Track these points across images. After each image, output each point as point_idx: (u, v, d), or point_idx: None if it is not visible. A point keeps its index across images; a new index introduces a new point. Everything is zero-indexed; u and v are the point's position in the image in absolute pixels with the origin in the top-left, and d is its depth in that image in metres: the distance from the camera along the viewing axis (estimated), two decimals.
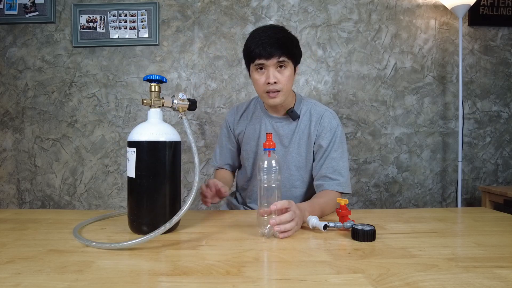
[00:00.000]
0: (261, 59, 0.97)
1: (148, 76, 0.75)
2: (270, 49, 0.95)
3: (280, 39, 0.97)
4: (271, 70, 0.97)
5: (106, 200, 2.10)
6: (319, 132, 1.06)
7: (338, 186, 0.99)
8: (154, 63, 2.08)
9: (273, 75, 0.97)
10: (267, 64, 0.97)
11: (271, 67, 0.97)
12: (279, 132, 1.09)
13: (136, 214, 0.72)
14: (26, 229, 0.76)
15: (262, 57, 0.96)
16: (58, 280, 0.49)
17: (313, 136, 1.06)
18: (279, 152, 1.10)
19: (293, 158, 1.08)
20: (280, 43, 0.96)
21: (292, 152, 1.08)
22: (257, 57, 0.97)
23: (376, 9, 2.07)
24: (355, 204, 2.07)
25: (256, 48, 0.96)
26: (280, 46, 0.96)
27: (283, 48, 0.96)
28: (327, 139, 1.04)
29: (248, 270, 0.53)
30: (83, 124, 2.10)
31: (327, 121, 1.06)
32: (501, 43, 2.09)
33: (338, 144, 1.04)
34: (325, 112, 1.08)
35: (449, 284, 0.48)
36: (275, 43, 0.95)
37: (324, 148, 1.04)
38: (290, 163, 1.09)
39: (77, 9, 2.05)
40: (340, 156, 1.03)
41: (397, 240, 0.70)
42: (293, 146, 1.08)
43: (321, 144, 1.04)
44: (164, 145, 0.72)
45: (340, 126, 1.07)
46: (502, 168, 2.12)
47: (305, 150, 1.08)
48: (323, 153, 1.04)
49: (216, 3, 2.07)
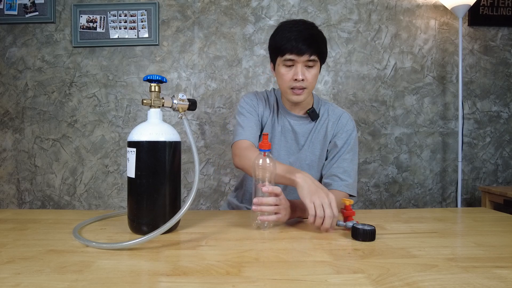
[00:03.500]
0: (292, 54, 0.94)
1: (148, 76, 0.75)
2: (303, 46, 0.92)
3: (313, 36, 0.94)
4: (300, 66, 0.95)
5: (106, 200, 2.10)
6: (336, 131, 1.06)
7: (346, 187, 1.00)
8: (154, 63, 2.08)
9: (302, 72, 0.95)
10: (297, 60, 0.94)
11: (300, 63, 0.95)
12: (296, 131, 1.09)
13: (136, 214, 0.71)
14: (26, 229, 0.76)
15: (293, 52, 0.93)
16: (58, 280, 0.49)
17: (330, 135, 1.07)
18: (293, 150, 1.09)
19: (307, 157, 1.08)
20: (313, 40, 0.94)
21: (306, 151, 1.08)
22: (287, 52, 0.94)
23: (376, 9, 2.07)
24: (355, 204, 2.07)
25: (288, 43, 0.93)
26: (312, 43, 0.93)
27: (314, 46, 0.94)
28: (342, 139, 1.05)
29: (248, 270, 0.53)
30: (83, 124, 2.10)
31: (345, 122, 1.07)
32: (501, 43, 2.09)
33: (352, 146, 1.05)
34: (343, 113, 1.09)
35: (449, 284, 0.48)
36: (308, 40, 0.93)
37: (338, 148, 1.04)
38: (302, 161, 1.09)
39: (77, 9, 2.05)
40: (351, 159, 1.04)
41: (397, 240, 0.70)
42: (307, 145, 1.08)
43: (336, 144, 1.05)
44: (164, 145, 0.72)
45: (355, 130, 1.07)
46: (502, 168, 2.12)
47: (319, 149, 1.08)
48: (336, 153, 1.04)
49: (216, 3, 2.07)
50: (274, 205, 0.76)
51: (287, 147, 1.09)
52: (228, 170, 2.10)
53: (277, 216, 0.76)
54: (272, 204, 0.75)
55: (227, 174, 2.10)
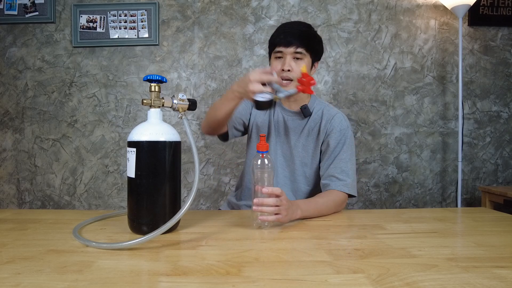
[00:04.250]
0: (281, 46, 1.02)
1: (148, 76, 0.75)
2: (290, 38, 1.00)
3: (301, 32, 1.02)
4: (288, 58, 1.02)
5: (106, 200, 2.10)
6: (329, 131, 1.07)
7: (345, 187, 0.99)
8: (154, 63, 2.08)
9: (289, 63, 1.01)
10: (285, 52, 1.02)
11: (288, 55, 1.02)
12: (288, 125, 1.11)
13: (136, 214, 0.71)
14: (26, 229, 0.76)
15: (281, 44, 1.02)
16: (58, 280, 0.49)
17: (322, 134, 1.07)
18: (285, 145, 1.11)
19: (299, 153, 1.09)
20: (301, 34, 1.01)
21: (298, 147, 1.09)
22: (277, 45, 1.03)
23: (376, 9, 2.07)
24: (355, 204, 2.07)
25: (278, 37, 1.03)
26: (300, 37, 1.01)
27: (302, 39, 1.01)
28: (335, 139, 1.05)
29: (248, 270, 0.53)
30: (83, 124, 2.10)
31: (338, 121, 1.07)
32: (501, 43, 2.09)
33: (348, 146, 1.05)
34: (337, 113, 1.09)
35: (449, 284, 0.48)
36: (296, 34, 1.01)
37: (332, 148, 1.04)
38: (295, 157, 1.10)
39: (77, 9, 2.05)
40: (349, 158, 1.04)
41: (397, 240, 0.70)
42: (300, 142, 1.09)
43: (329, 143, 1.05)
44: (164, 145, 0.72)
45: (350, 129, 1.08)
46: (502, 168, 2.12)
47: (312, 147, 1.08)
48: (331, 153, 1.04)
49: (216, 3, 2.07)
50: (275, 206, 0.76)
51: (281, 142, 1.12)
52: (228, 170, 2.10)
53: (277, 217, 0.76)
54: (273, 205, 0.75)
55: (227, 174, 2.10)
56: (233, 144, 2.09)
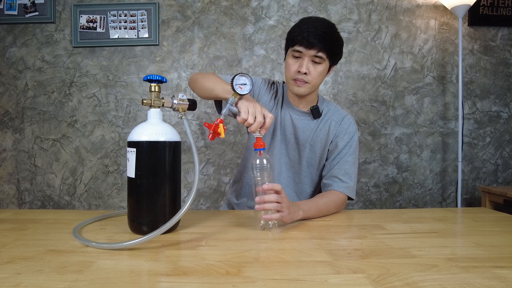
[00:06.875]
0: (301, 46, 0.96)
1: (148, 76, 0.75)
2: (313, 40, 0.94)
3: (325, 33, 0.95)
4: (306, 60, 0.97)
5: (106, 200, 2.10)
6: (338, 132, 1.06)
7: (346, 189, 1.00)
8: (154, 63, 2.08)
9: (306, 65, 0.97)
10: (304, 53, 0.96)
11: (307, 57, 0.96)
12: (297, 126, 1.09)
13: (136, 214, 0.71)
14: (26, 229, 0.76)
15: (302, 45, 0.95)
16: (58, 280, 0.49)
17: (331, 135, 1.07)
18: (293, 146, 1.10)
19: (306, 154, 1.09)
20: (324, 37, 0.95)
21: (306, 148, 1.08)
22: (297, 43, 0.96)
23: (376, 9, 2.07)
24: (355, 204, 2.07)
25: (299, 35, 0.95)
26: (323, 40, 0.94)
27: (325, 43, 0.95)
28: (344, 140, 1.05)
29: (248, 270, 0.53)
30: (83, 124, 2.10)
31: (347, 123, 1.07)
32: (501, 43, 2.09)
33: (354, 149, 1.05)
34: (346, 115, 1.09)
35: (449, 284, 0.48)
36: (319, 36, 0.94)
37: (340, 149, 1.04)
38: (302, 158, 1.09)
39: (77, 9, 2.05)
40: (353, 162, 1.04)
41: (397, 240, 0.70)
42: (308, 143, 1.08)
43: (338, 144, 1.05)
44: (164, 145, 0.72)
45: (357, 133, 1.08)
46: (502, 168, 2.12)
47: (320, 148, 1.08)
48: (338, 154, 1.04)
49: (216, 3, 2.07)
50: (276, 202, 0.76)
51: (286, 141, 1.10)
52: (228, 170, 2.10)
53: (280, 214, 0.76)
54: (274, 201, 0.75)
55: (227, 174, 2.10)
56: (233, 144, 2.09)
